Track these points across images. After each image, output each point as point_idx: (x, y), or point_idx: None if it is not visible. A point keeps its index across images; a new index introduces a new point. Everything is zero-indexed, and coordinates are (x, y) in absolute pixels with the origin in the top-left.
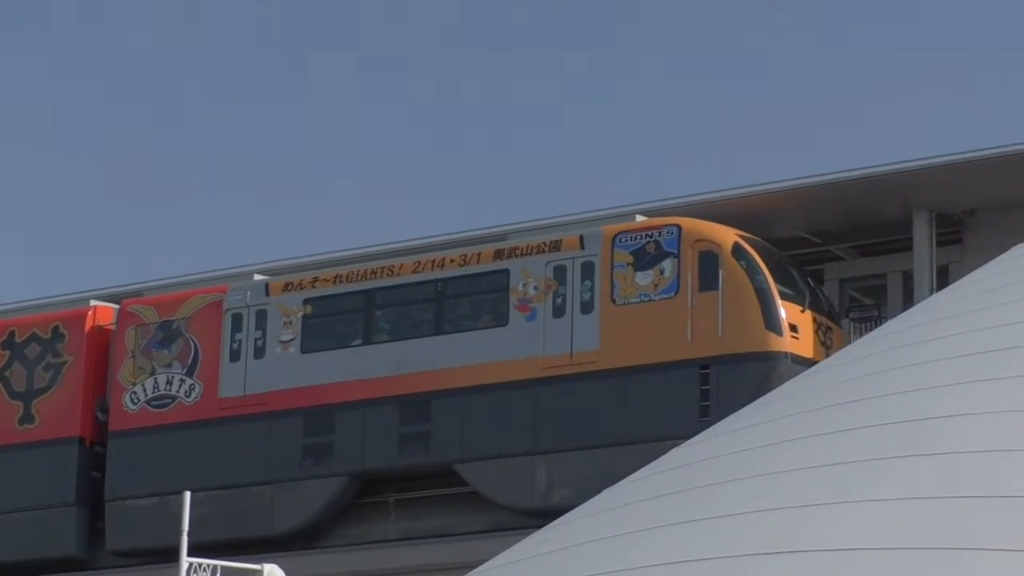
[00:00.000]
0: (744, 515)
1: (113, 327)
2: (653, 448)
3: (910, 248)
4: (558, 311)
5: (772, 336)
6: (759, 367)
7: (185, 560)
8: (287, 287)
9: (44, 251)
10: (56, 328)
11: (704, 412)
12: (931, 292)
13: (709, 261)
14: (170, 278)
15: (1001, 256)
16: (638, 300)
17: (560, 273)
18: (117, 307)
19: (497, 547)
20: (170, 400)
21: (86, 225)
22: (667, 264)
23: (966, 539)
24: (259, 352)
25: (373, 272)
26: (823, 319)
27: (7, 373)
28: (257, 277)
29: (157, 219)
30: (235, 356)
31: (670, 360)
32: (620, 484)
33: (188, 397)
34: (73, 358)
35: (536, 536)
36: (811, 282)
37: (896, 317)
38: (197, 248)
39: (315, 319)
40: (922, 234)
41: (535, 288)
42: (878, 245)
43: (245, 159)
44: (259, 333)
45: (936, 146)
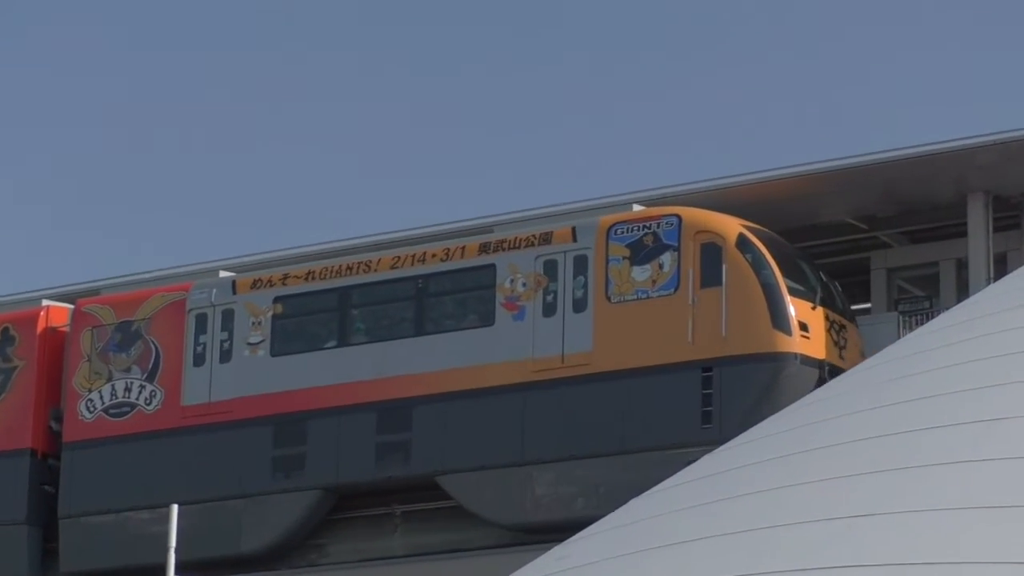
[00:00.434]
0: (780, 528)
1: (67, 329)
2: (651, 458)
3: (965, 234)
4: (548, 309)
5: (780, 336)
6: (766, 369)
7: None
8: (255, 285)
9: None
10: (6, 330)
11: (706, 419)
12: (988, 282)
13: (712, 254)
14: (129, 276)
15: None
16: (635, 297)
17: (550, 268)
18: (72, 307)
19: (510, 564)
20: (129, 408)
21: (39, 219)
22: (666, 258)
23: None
24: (225, 355)
25: (349, 268)
26: (836, 317)
27: None
28: (223, 274)
29: (115, 213)
30: (199, 360)
31: (669, 362)
32: (644, 496)
33: (148, 405)
34: (24, 363)
35: (556, 552)
36: (823, 276)
37: (949, 310)
38: (158, 243)
39: (286, 319)
40: (978, 219)
41: (523, 285)
42: (930, 231)
43: (209, 148)
44: (225, 335)
45: (993, 122)
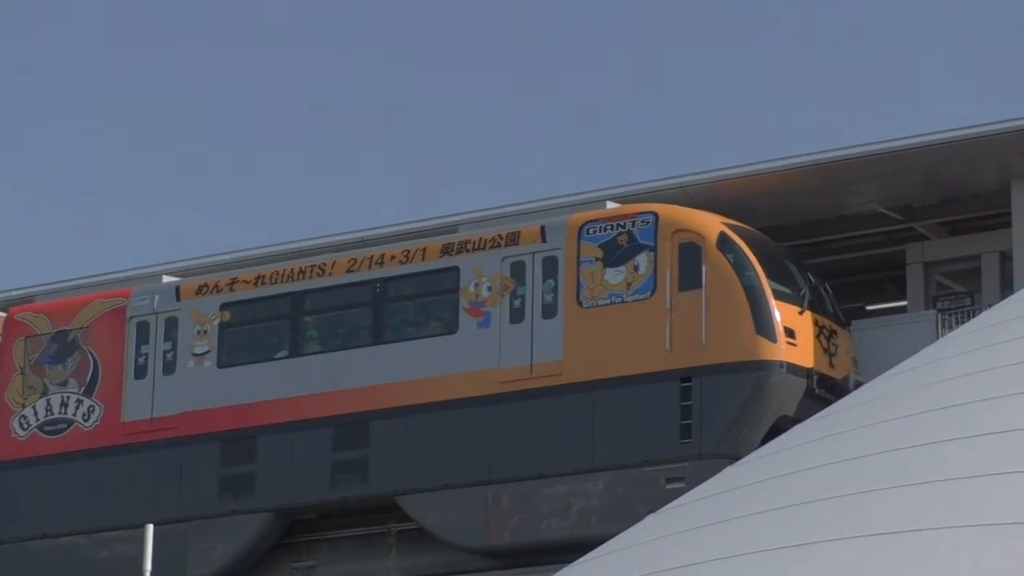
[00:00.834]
0: (812, 545)
1: None
2: (626, 476)
3: (1008, 224)
4: (516, 315)
5: (764, 343)
6: (749, 379)
7: None
8: (201, 290)
9: None
10: None
11: (685, 432)
12: None
13: (691, 255)
14: (66, 281)
15: None
16: (608, 302)
17: (518, 270)
18: (4, 316)
19: None
20: (66, 425)
21: None
22: (642, 259)
23: None
24: (169, 367)
25: (301, 272)
26: (826, 322)
27: None
28: (166, 279)
29: (51, 214)
30: (141, 372)
31: (646, 372)
32: (661, 512)
33: (86, 421)
34: None
35: (565, 573)
36: (812, 278)
37: (992, 308)
38: (98, 246)
39: (234, 327)
40: (1022, 207)
41: (489, 289)
42: (970, 221)
43: (150, 145)
44: (169, 345)
45: None
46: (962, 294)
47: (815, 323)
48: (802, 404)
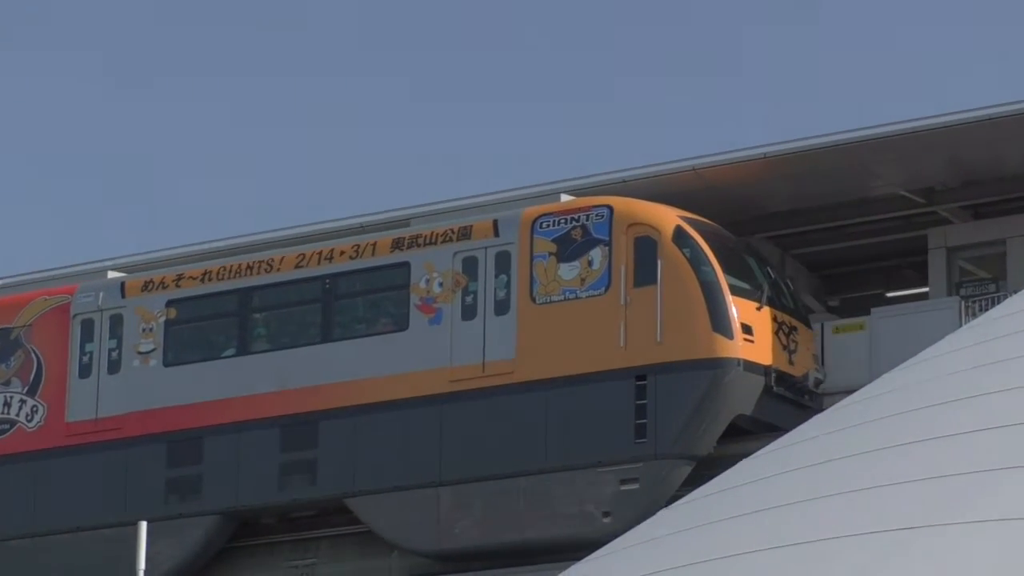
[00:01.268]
0: (831, 541)
1: None
2: (580, 476)
3: None
4: (468, 312)
5: (720, 340)
6: (705, 377)
7: None
8: (147, 287)
9: None
10: None
11: (640, 432)
12: None
13: (646, 249)
14: (8, 277)
15: None
16: (562, 298)
17: (470, 266)
18: None
19: None
20: (8, 425)
21: None
22: (596, 253)
23: None
24: (114, 366)
25: (249, 267)
26: (785, 317)
27: None
28: (112, 275)
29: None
30: (85, 371)
31: (600, 370)
32: (675, 506)
33: (30, 422)
34: None
35: (574, 570)
36: (772, 272)
37: (1017, 294)
38: (42, 241)
39: (180, 325)
40: None
41: (440, 284)
42: (995, 205)
43: (98, 136)
44: (114, 343)
45: None
46: (986, 280)
47: (774, 319)
48: (760, 402)
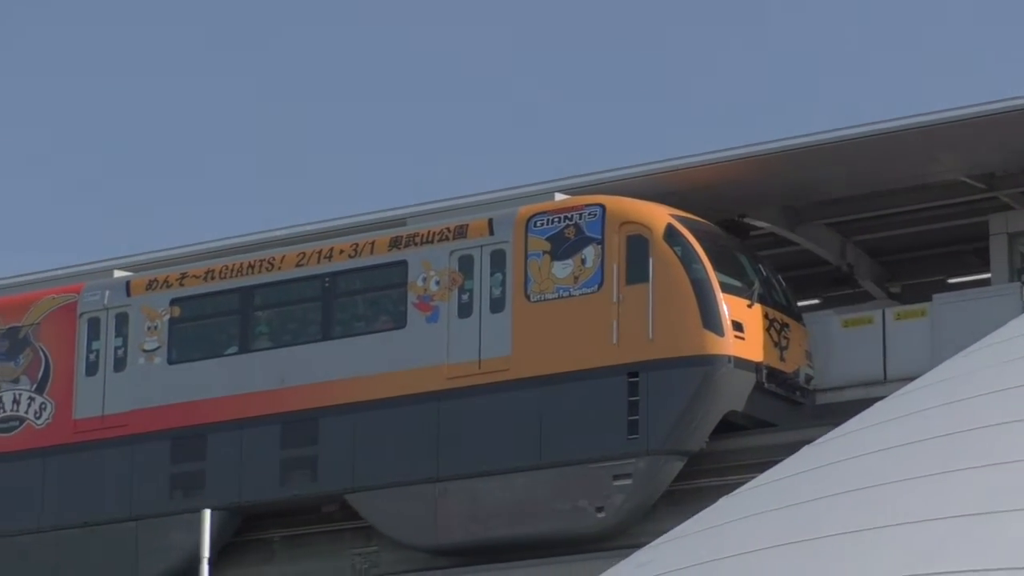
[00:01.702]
0: (892, 528)
1: None
2: (574, 472)
3: None
4: (464, 310)
5: (711, 336)
6: (696, 374)
7: None
8: (151, 285)
9: None
10: None
11: (633, 428)
12: None
13: (638, 247)
14: (17, 276)
15: None
16: (555, 296)
17: (466, 264)
18: None
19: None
20: (18, 423)
21: None
22: (589, 252)
23: None
24: (120, 364)
25: (250, 266)
26: (777, 315)
27: None
28: (117, 274)
29: (3, 208)
30: (92, 369)
31: (593, 367)
32: (734, 494)
33: (38, 419)
34: None
35: (636, 558)
36: (764, 270)
37: None
38: (51, 241)
39: (184, 323)
40: None
41: (437, 283)
42: None
43: (106, 136)
44: (119, 341)
45: None
46: None
47: (765, 316)
48: (751, 398)
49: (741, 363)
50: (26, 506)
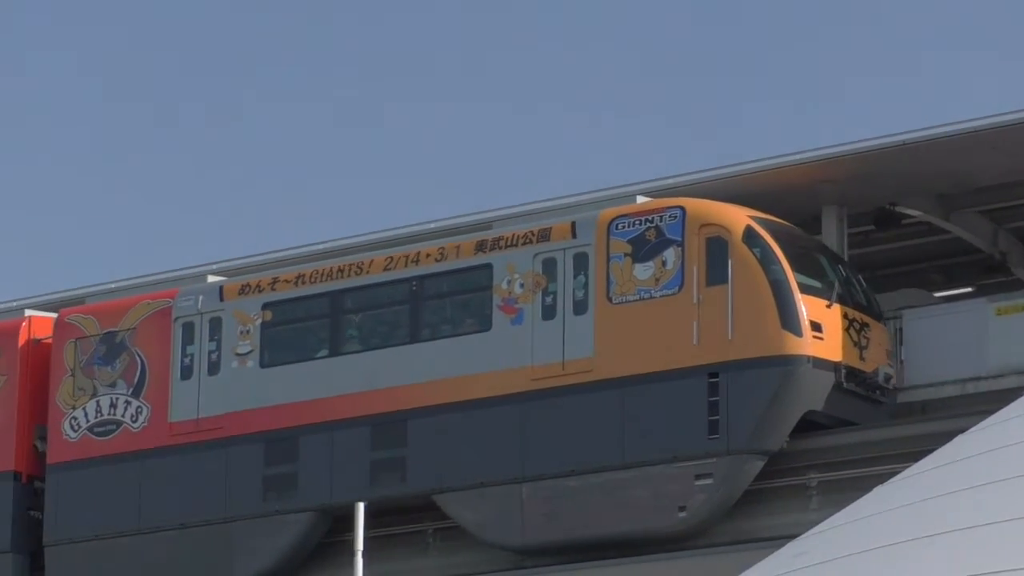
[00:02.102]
0: None
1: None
2: (656, 472)
3: None
4: (548, 312)
5: (790, 337)
6: (775, 374)
7: None
8: (244, 290)
9: None
10: None
11: (713, 428)
12: None
13: (717, 249)
14: (115, 282)
15: None
16: (637, 297)
17: (550, 267)
18: (55, 317)
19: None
20: (115, 426)
21: (19, 223)
22: (669, 254)
23: None
24: (213, 367)
25: (340, 270)
26: (857, 314)
27: None
28: (212, 279)
29: (102, 214)
30: (187, 373)
31: (674, 368)
32: (892, 482)
33: (134, 422)
34: (5, 378)
35: (791, 547)
36: (844, 270)
37: None
38: (149, 246)
39: (275, 327)
40: None
41: (521, 285)
42: None
43: (198, 147)
44: (213, 345)
45: None
46: None
47: (845, 316)
48: (830, 398)
49: (820, 363)
50: (123, 509)
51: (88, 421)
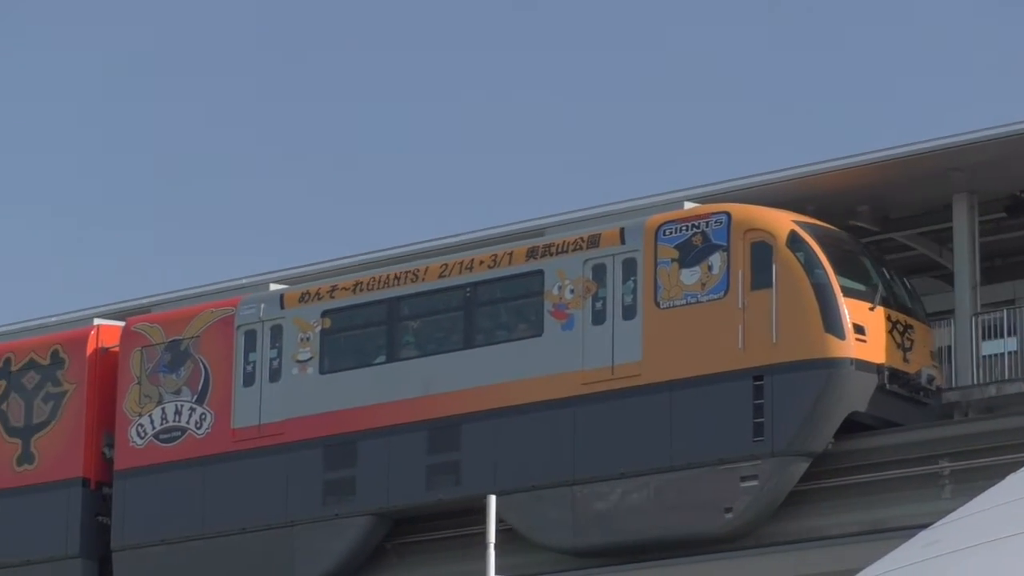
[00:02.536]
0: None
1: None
2: (703, 474)
3: None
4: (598, 317)
5: (832, 340)
6: (818, 376)
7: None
8: (303, 298)
9: (42, 264)
10: (55, 352)
11: (758, 431)
12: None
13: (762, 254)
14: (180, 291)
15: None
16: (684, 302)
17: (599, 273)
18: (122, 325)
19: None
20: (179, 433)
21: (89, 233)
22: (715, 259)
23: None
24: (275, 374)
25: (396, 278)
26: (901, 316)
27: (3, 406)
28: (273, 287)
29: (170, 224)
30: (249, 380)
31: (720, 371)
32: (1019, 473)
33: (199, 429)
34: (74, 386)
35: (922, 537)
36: (888, 272)
37: None
38: (214, 256)
39: (334, 334)
40: None
41: (572, 291)
42: None
43: (263, 156)
44: (274, 352)
45: None
46: None
47: (888, 318)
48: (874, 399)
49: (862, 365)
50: (188, 514)
51: (154, 428)
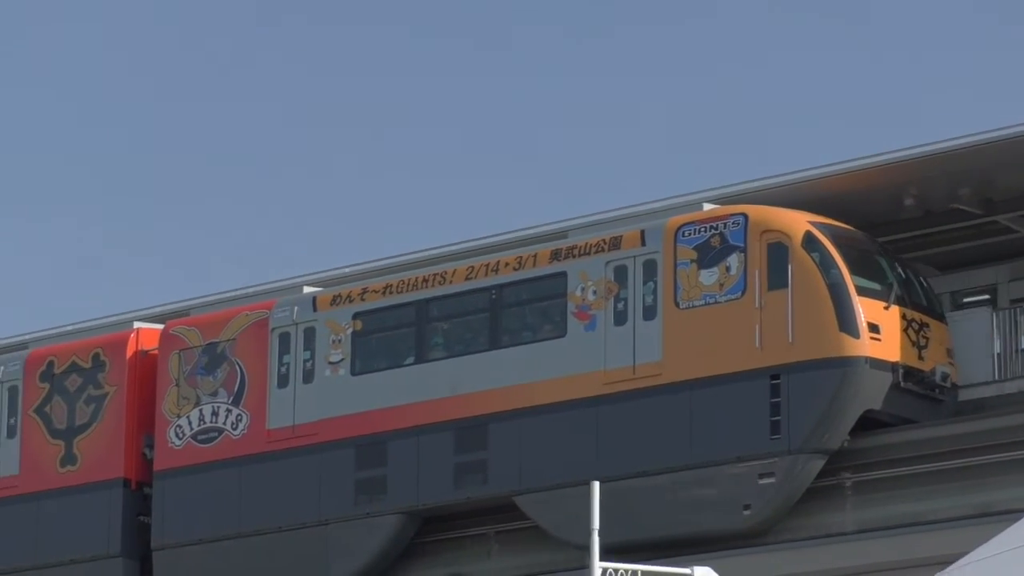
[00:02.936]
0: None
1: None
2: (721, 472)
3: None
4: (619, 318)
5: (847, 339)
6: (833, 375)
7: (597, 565)
8: (335, 300)
9: (83, 268)
10: (97, 355)
11: (775, 429)
12: None
13: (778, 254)
14: (217, 294)
15: None
16: (703, 303)
17: (621, 274)
18: (161, 328)
19: None
20: (216, 433)
21: (130, 239)
22: (733, 260)
23: None
24: (308, 376)
25: (424, 280)
26: (916, 315)
27: (47, 409)
28: (307, 290)
29: (212, 229)
30: (283, 381)
31: (737, 370)
32: None
33: (235, 430)
34: (115, 389)
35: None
36: (903, 271)
37: None
38: (252, 259)
39: (365, 336)
40: None
41: (594, 292)
42: None
43: (293, 162)
44: (308, 354)
45: None
46: None
47: (903, 317)
48: (889, 397)
49: (877, 363)
50: (225, 513)
51: (192, 429)
